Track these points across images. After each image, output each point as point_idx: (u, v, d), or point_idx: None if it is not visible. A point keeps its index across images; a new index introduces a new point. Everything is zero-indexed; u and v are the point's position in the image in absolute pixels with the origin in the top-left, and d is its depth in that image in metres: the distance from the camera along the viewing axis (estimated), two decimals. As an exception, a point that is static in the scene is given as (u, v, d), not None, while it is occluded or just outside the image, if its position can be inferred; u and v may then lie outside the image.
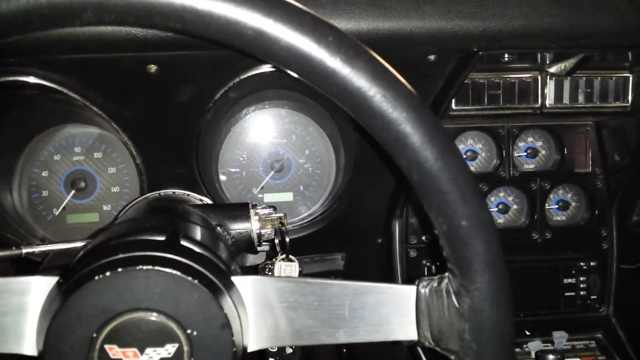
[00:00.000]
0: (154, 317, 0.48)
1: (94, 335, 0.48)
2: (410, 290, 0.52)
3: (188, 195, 0.91)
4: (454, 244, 0.46)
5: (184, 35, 0.45)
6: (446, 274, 0.50)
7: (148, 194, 0.89)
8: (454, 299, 0.49)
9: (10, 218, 1.03)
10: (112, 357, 0.48)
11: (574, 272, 1.08)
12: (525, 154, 1.12)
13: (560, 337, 0.98)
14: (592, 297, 1.08)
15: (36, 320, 0.50)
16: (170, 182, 0.96)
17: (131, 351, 0.49)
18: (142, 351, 0.49)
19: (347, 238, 1.13)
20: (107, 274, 0.47)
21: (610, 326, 1.08)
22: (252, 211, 0.76)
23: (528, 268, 1.09)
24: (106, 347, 0.48)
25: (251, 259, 0.87)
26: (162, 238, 0.53)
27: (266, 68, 0.85)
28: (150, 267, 0.48)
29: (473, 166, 1.11)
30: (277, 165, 1.15)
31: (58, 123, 1.07)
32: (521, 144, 1.12)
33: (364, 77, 0.43)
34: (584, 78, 1.02)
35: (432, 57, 0.81)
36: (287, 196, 1.17)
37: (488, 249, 0.46)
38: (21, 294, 0.50)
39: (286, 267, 0.79)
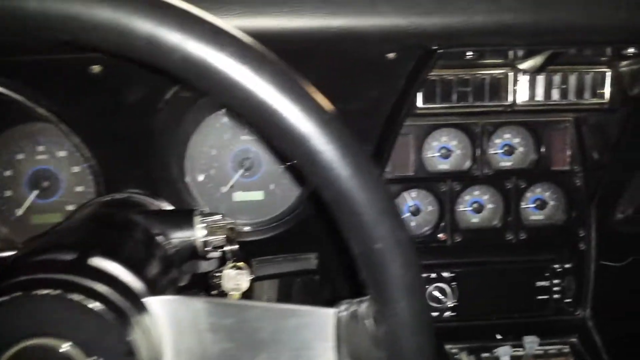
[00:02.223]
0: (56, 344, 0.46)
1: (-7, 364, 0.45)
2: (330, 314, 0.49)
3: (142, 199, 0.88)
4: (369, 268, 0.44)
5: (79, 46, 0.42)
6: (366, 297, 0.47)
7: (96, 198, 0.87)
8: (372, 325, 0.46)
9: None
10: (13, 386, 0.46)
11: (548, 274, 1.04)
12: (502, 151, 1.08)
13: (530, 342, 0.95)
14: (567, 300, 1.05)
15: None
16: (129, 184, 0.93)
17: (32, 380, 0.46)
18: (44, 379, 0.46)
19: (320, 237, 1.10)
20: (5, 298, 0.45)
21: (586, 330, 1.05)
22: (197, 218, 0.73)
23: (501, 270, 1.06)
24: (7, 376, 0.46)
25: (204, 266, 0.85)
26: (71, 257, 0.50)
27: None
28: (48, 291, 0.45)
29: (447, 164, 1.08)
30: (247, 163, 1.12)
31: (20, 122, 1.05)
32: (498, 141, 1.09)
33: (269, 89, 0.40)
34: (559, 74, 0.98)
35: (391, 55, 0.77)
36: (258, 195, 1.14)
37: (405, 273, 0.43)
38: None
39: (235, 275, 0.77)
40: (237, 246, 0.75)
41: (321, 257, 1.12)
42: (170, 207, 0.91)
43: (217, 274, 0.77)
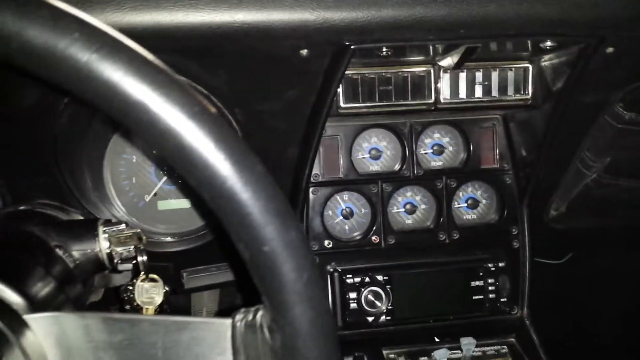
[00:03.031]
0: None
1: None
2: (225, 325, 0.45)
3: (48, 211, 0.82)
4: (259, 273, 0.40)
5: None
6: (261, 305, 0.43)
7: (6, 209, 0.81)
8: (267, 335, 0.42)
9: None
10: None
11: (482, 273, 1.03)
12: (431, 150, 1.06)
13: (468, 344, 0.93)
14: (502, 299, 1.04)
15: None
16: (38, 194, 0.87)
17: None
18: None
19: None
20: None
21: (523, 329, 1.04)
22: (100, 228, 0.68)
23: (436, 271, 1.04)
24: None
25: (118, 279, 0.80)
26: None
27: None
28: None
29: (377, 165, 1.06)
30: (170, 170, 1.06)
31: None
32: (427, 141, 1.07)
33: (129, 80, 0.36)
34: (482, 70, 0.97)
35: (304, 52, 0.74)
36: (184, 203, 1.09)
37: (298, 277, 0.40)
38: None
39: (149, 288, 0.72)
40: (145, 257, 0.70)
41: (233, 266, 1.08)
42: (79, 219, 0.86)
43: (129, 287, 0.72)
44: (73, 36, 0.35)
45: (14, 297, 0.47)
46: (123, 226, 0.70)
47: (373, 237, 1.05)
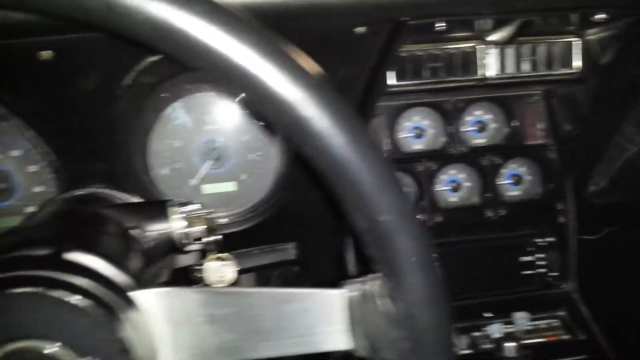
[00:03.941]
0: (42, 345, 0.41)
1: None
2: (338, 295, 0.46)
3: (107, 194, 0.83)
4: (377, 243, 0.40)
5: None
6: (376, 274, 0.44)
7: (58, 196, 0.81)
8: (387, 304, 0.43)
9: None
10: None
11: (531, 249, 1.04)
12: (474, 128, 1.07)
13: (521, 319, 0.94)
14: (552, 274, 1.05)
15: None
16: (92, 179, 0.87)
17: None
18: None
19: (298, 227, 1.07)
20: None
21: (574, 303, 1.05)
22: (172, 209, 0.69)
23: (484, 247, 1.05)
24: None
25: (184, 260, 0.80)
26: (45, 252, 0.45)
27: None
28: (26, 289, 0.41)
29: (421, 143, 1.06)
30: (214, 154, 1.07)
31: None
32: (469, 118, 1.07)
33: (250, 52, 0.36)
34: (528, 45, 0.97)
35: (360, 30, 0.74)
36: (230, 186, 1.10)
37: (416, 245, 0.41)
38: None
39: (219, 267, 0.73)
40: (220, 236, 0.71)
41: (301, 247, 1.09)
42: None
43: (198, 267, 0.73)
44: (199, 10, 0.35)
45: (118, 275, 0.48)
46: (197, 206, 0.70)
47: (419, 216, 1.06)
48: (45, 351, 0.41)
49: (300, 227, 1.07)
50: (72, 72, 0.73)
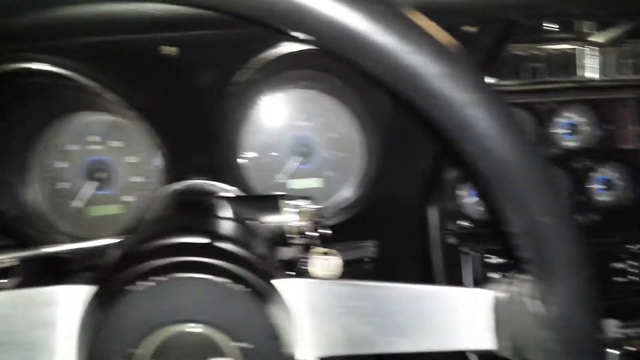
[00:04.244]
0: (200, 329, 0.44)
1: (136, 351, 0.43)
2: (485, 295, 0.46)
3: (213, 186, 0.86)
4: (535, 244, 0.41)
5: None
6: (527, 276, 0.44)
7: (172, 185, 0.84)
8: (538, 306, 0.43)
9: (29, 213, 0.99)
10: (158, 375, 0.44)
11: (623, 256, 1.01)
12: (566, 130, 1.05)
13: (612, 326, 0.93)
14: (645, 282, 1.02)
15: (68, 333, 0.46)
16: (192, 171, 0.91)
17: (177, 366, 0.44)
18: (188, 365, 0.44)
19: (379, 225, 1.08)
20: (148, 283, 0.42)
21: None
22: (285, 202, 0.71)
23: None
24: (151, 363, 0.44)
25: (287, 253, 0.82)
26: (202, 240, 0.48)
27: (291, 48, 0.79)
28: (194, 275, 0.43)
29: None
30: (302, 150, 1.09)
31: (72, 111, 1.02)
32: (562, 120, 1.06)
33: (422, 55, 0.37)
34: (629, 47, 0.95)
35: (470, 28, 0.75)
36: (315, 182, 1.12)
37: (574, 247, 0.41)
38: (53, 306, 0.45)
39: (324, 262, 0.74)
40: (329, 231, 0.72)
41: (382, 245, 1.10)
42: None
43: (306, 260, 0.74)
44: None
45: (261, 264, 0.50)
46: (307, 201, 0.72)
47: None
48: (205, 335, 0.44)
49: (382, 226, 1.07)
50: (191, 68, 0.76)
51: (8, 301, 0.45)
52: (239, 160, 1.05)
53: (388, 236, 1.07)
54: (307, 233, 0.75)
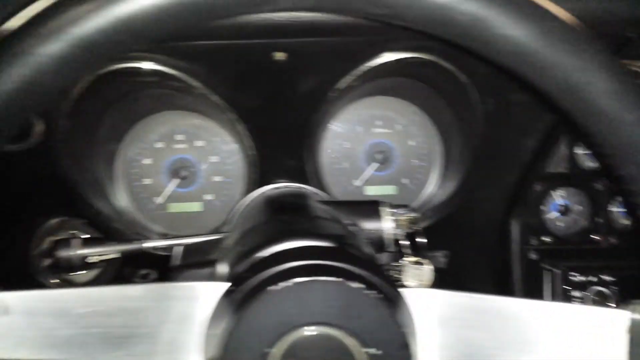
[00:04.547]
0: (331, 331, 0.44)
1: (269, 350, 0.44)
2: (620, 316, 0.45)
3: (304, 189, 0.87)
4: None
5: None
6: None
7: (263, 188, 0.86)
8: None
9: (114, 207, 1.02)
10: (288, 374, 0.44)
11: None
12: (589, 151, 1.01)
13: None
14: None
15: (200, 329, 0.47)
16: (279, 174, 0.92)
17: (308, 368, 0.45)
18: (318, 368, 0.45)
19: (455, 236, 1.07)
20: (284, 285, 0.43)
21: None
22: (384, 210, 0.71)
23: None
24: (282, 362, 0.44)
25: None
26: (330, 244, 0.48)
27: (391, 57, 0.80)
28: (328, 278, 0.43)
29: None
30: (380, 157, 1.09)
31: (159, 110, 1.05)
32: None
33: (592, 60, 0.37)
34: None
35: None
36: (390, 189, 1.12)
37: None
38: (186, 301, 0.47)
39: (416, 271, 0.74)
40: (424, 240, 0.72)
41: (453, 256, 1.08)
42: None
43: (396, 267, 0.74)
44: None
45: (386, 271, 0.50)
46: (404, 209, 0.72)
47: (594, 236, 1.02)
48: (337, 339, 0.44)
49: (455, 237, 1.06)
50: (297, 74, 0.77)
51: (142, 294, 0.46)
52: (321, 165, 1.06)
53: (461, 247, 1.06)
54: (398, 240, 0.75)
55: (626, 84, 0.40)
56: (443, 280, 1.15)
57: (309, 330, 0.44)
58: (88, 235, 0.91)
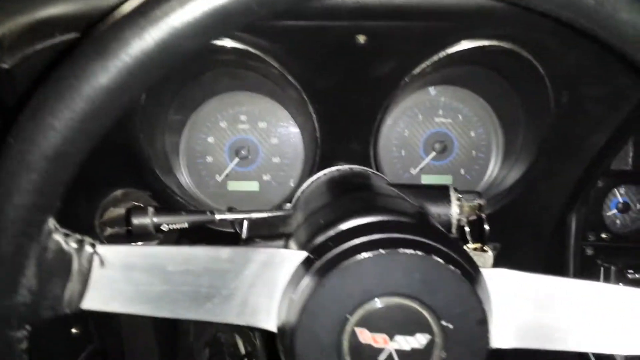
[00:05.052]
0: (409, 303, 0.46)
1: (347, 317, 0.45)
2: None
3: (369, 172, 0.88)
4: None
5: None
6: None
7: (329, 169, 0.87)
8: None
9: (177, 181, 1.05)
10: (362, 341, 0.46)
11: None
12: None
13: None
14: None
15: (279, 295, 0.49)
16: (342, 158, 0.93)
17: (381, 337, 0.46)
18: (391, 338, 0.46)
19: (509, 228, 1.06)
20: (367, 255, 0.45)
21: None
22: (453, 194, 0.72)
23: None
24: (357, 330, 0.46)
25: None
26: (411, 220, 0.50)
27: (469, 45, 0.80)
28: (412, 251, 0.45)
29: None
30: (439, 147, 1.09)
31: (227, 90, 1.07)
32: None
33: None
34: None
35: None
36: (446, 179, 1.12)
37: None
38: (269, 266, 0.49)
39: (479, 258, 0.75)
40: (487, 227, 0.73)
41: (508, 248, 1.08)
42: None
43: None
44: None
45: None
46: (473, 195, 0.73)
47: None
48: (416, 310, 0.45)
49: (510, 229, 1.06)
50: (375, 57, 0.78)
51: (230, 257, 0.48)
52: (379, 151, 1.07)
53: (517, 241, 1.06)
54: (465, 226, 0.75)
55: None
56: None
57: (388, 301, 0.45)
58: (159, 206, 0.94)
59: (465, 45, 0.79)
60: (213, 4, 0.39)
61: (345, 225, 0.50)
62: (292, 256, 0.49)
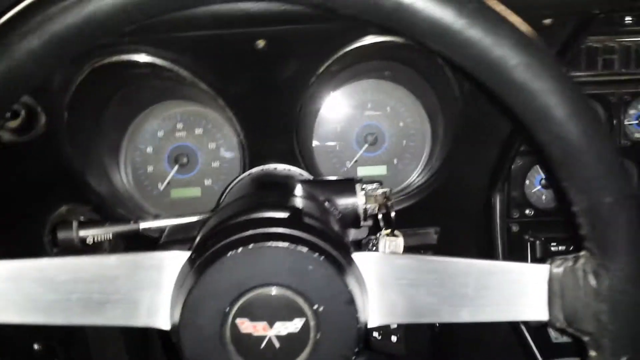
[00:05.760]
0: (282, 292, 0.49)
1: (227, 309, 0.49)
2: (542, 270, 0.50)
3: (289, 170, 0.92)
4: (595, 222, 0.44)
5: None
6: (582, 253, 0.48)
7: (251, 170, 0.91)
8: (592, 279, 0.46)
9: (119, 193, 1.08)
10: (243, 331, 0.50)
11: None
12: (637, 122, 1.04)
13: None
14: None
15: (169, 295, 0.53)
16: (271, 157, 0.97)
17: (261, 325, 0.50)
18: (271, 325, 0.50)
19: (442, 212, 1.10)
20: (240, 250, 0.48)
21: None
22: (357, 186, 0.76)
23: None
24: (237, 321, 0.50)
25: (353, 234, 0.87)
26: (285, 215, 0.54)
27: (369, 40, 0.84)
28: (280, 244, 0.49)
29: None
30: (371, 139, 1.13)
31: (160, 100, 1.10)
32: (632, 112, 1.05)
33: (506, 46, 0.41)
34: None
35: (547, 21, 0.76)
36: (381, 169, 1.16)
37: (632, 227, 0.44)
38: (156, 269, 0.52)
39: (390, 243, 0.79)
40: (393, 214, 0.77)
41: (444, 232, 1.12)
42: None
43: (373, 240, 0.79)
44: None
45: (340, 238, 0.55)
46: (376, 185, 0.77)
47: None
48: (287, 297, 0.49)
49: (444, 213, 1.10)
50: (278, 60, 0.82)
51: (117, 263, 0.52)
52: (312, 148, 1.11)
53: (451, 223, 1.10)
54: (375, 215, 0.79)
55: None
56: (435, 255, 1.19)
57: (263, 291, 0.49)
58: (84, 219, 0.97)
59: (364, 42, 0.82)
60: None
61: (224, 225, 0.54)
62: (179, 257, 0.52)
